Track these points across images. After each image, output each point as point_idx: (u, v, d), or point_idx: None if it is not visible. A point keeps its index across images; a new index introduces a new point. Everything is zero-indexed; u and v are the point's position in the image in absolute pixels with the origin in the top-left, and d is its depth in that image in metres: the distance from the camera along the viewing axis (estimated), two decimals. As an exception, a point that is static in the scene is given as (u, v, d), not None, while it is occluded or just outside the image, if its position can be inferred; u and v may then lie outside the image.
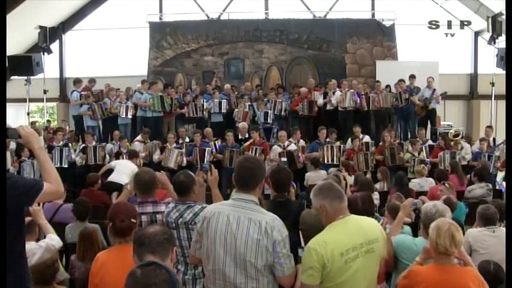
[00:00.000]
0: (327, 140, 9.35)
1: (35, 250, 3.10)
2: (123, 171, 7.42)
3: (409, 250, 2.99)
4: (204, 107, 10.84)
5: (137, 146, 9.66)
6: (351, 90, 10.64)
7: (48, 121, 13.23)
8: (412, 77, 11.22)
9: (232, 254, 2.46)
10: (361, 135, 9.60)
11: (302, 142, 9.61)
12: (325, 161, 8.82)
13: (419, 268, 2.73)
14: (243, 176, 2.58)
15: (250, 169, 2.59)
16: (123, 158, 8.64)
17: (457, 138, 9.66)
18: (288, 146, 9.19)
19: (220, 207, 2.62)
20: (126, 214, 2.83)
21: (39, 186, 2.36)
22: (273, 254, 2.43)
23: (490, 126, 10.37)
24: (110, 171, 7.83)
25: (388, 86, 11.47)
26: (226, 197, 3.46)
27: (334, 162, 8.79)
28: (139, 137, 9.95)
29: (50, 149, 9.24)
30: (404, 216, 3.54)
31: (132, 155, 8.38)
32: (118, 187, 6.99)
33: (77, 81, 11.48)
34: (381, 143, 9.53)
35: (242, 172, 2.59)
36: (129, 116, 10.70)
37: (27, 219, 3.37)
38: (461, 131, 10.63)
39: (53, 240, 3.29)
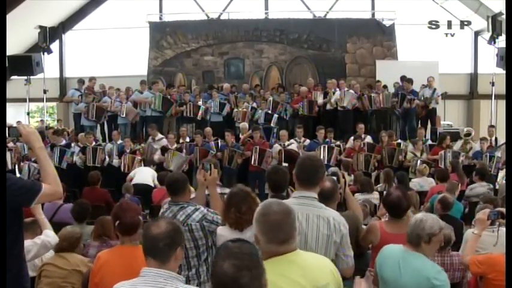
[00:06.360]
0: (326, 139, 9.32)
1: (30, 247, 3.07)
2: (147, 175, 7.99)
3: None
4: (202, 108, 10.78)
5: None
6: (351, 91, 10.60)
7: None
8: (404, 79, 11.20)
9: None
10: (363, 135, 9.58)
11: (308, 141, 9.51)
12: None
13: (500, 258, 2.86)
14: (306, 173, 2.60)
15: (313, 166, 2.62)
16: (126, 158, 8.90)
17: (468, 138, 9.63)
18: (288, 145, 9.18)
19: None
20: (135, 211, 2.87)
21: (38, 188, 2.41)
22: (339, 247, 2.55)
23: (492, 126, 10.32)
24: None
25: (385, 87, 11.44)
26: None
27: (330, 163, 8.54)
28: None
29: (52, 148, 9.20)
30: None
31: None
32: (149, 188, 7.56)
33: (80, 82, 11.50)
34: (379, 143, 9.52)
35: (305, 169, 2.61)
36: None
37: (30, 218, 3.38)
38: (472, 131, 10.40)
39: (49, 236, 3.26)
